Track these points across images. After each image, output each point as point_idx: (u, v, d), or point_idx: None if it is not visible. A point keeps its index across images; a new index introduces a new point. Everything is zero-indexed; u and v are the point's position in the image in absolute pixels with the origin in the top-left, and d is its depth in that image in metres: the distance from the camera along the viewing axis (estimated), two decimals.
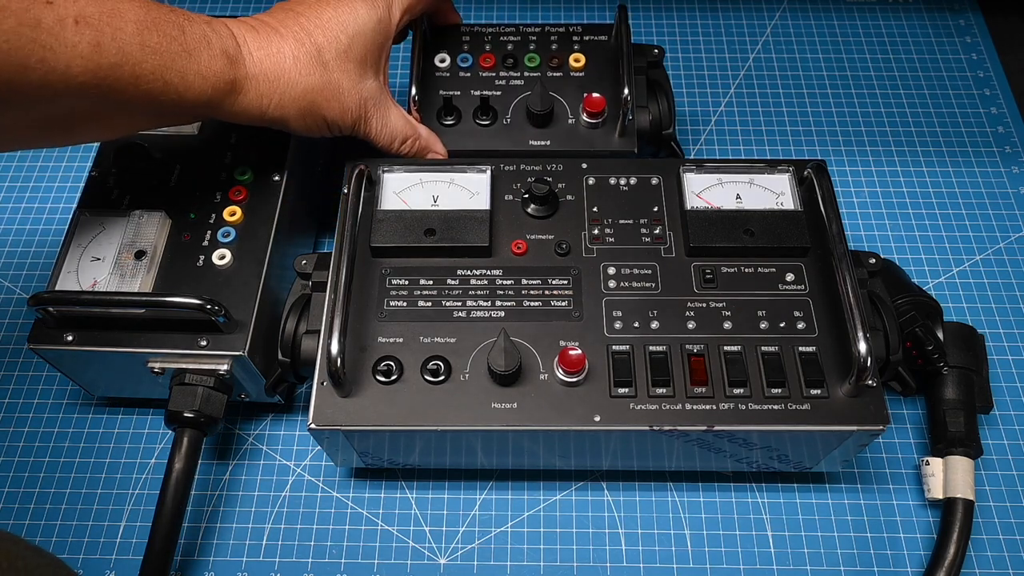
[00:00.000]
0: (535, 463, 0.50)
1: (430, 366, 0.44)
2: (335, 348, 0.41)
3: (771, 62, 0.72)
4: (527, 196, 0.49)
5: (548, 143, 0.54)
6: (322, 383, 0.43)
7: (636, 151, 0.54)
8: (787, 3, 0.76)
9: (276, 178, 0.51)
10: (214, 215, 0.50)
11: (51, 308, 0.45)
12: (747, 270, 0.47)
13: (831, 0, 0.76)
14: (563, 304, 0.46)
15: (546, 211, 0.49)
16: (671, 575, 0.49)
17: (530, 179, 0.50)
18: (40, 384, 0.56)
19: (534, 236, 0.48)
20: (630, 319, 0.45)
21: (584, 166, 0.51)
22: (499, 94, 0.56)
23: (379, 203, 0.49)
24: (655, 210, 0.49)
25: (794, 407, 0.42)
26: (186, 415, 0.46)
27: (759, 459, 0.47)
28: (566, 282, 0.47)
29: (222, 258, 0.48)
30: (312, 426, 0.42)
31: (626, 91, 0.53)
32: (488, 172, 0.50)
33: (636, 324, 0.45)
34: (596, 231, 0.48)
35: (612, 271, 0.47)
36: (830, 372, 0.43)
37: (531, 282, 0.47)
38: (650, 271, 0.47)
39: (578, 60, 0.57)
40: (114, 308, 0.45)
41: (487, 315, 0.46)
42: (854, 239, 0.62)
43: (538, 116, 0.54)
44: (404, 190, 0.49)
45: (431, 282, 0.47)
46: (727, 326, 0.45)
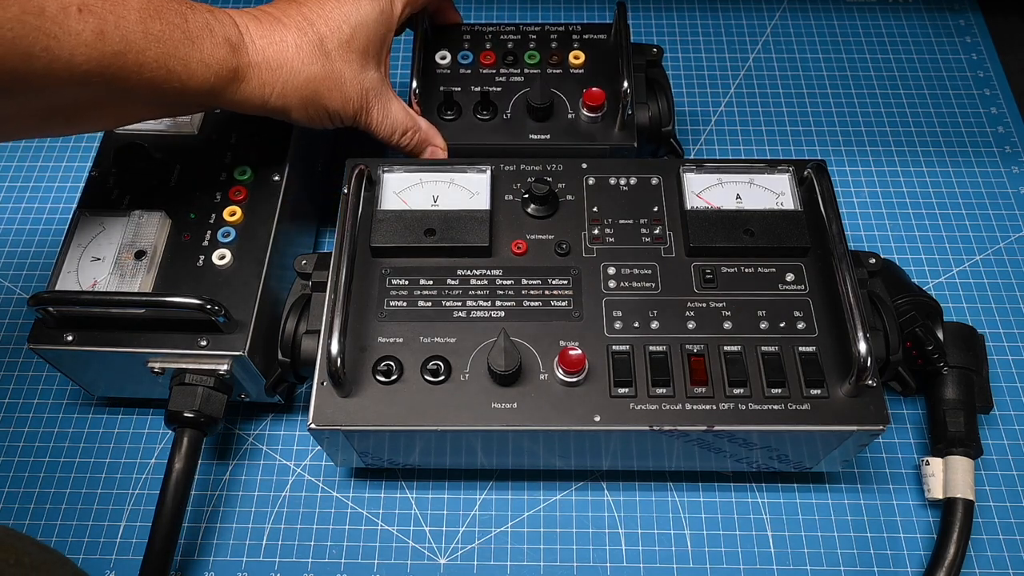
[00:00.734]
0: (535, 463, 0.50)
1: (430, 366, 0.44)
2: (335, 348, 0.41)
3: (771, 62, 0.72)
4: (527, 196, 0.49)
5: (548, 137, 0.54)
6: (322, 383, 0.43)
7: (635, 144, 0.54)
8: (787, 3, 0.76)
9: (276, 178, 0.52)
10: (214, 215, 0.50)
11: (51, 308, 0.45)
12: (747, 270, 0.47)
13: (831, 0, 0.76)
14: (563, 304, 0.46)
15: (546, 211, 0.49)
16: (671, 575, 0.49)
17: (530, 179, 0.50)
18: (40, 384, 0.56)
19: (534, 236, 0.48)
20: (630, 319, 0.45)
21: (584, 166, 0.51)
22: (499, 90, 0.56)
23: (379, 203, 0.49)
24: (655, 210, 0.49)
25: (794, 407, 0.42)
26: (186, 415, 0.46)
27: (759, 459, 0.47)
28: (566, 282, 0.47)
29: (222, 258, 0.48)
30: (312, 426, 0.42)
31: (625, 84, 0.53)
32: (488, 172, 0.50)
33: (636, 324, 0.45)
34: (596, 231, 0.48)
35: (612, 271, 0.47)
36: (830, 372, 0.43)
37: (531, 282, 0.47)
38: (650, 271, 0.47)
39: (577, 57, 0.57)
40: (114, 308, 0.45)
41: (487, 315, 0.45)
42: (854, 239, 0.61)
43: (538, 110, 0.54)
44: (404, 190, 0.49)
45: (431, 282, 0.47)
46: (727, 326, 0.45)
